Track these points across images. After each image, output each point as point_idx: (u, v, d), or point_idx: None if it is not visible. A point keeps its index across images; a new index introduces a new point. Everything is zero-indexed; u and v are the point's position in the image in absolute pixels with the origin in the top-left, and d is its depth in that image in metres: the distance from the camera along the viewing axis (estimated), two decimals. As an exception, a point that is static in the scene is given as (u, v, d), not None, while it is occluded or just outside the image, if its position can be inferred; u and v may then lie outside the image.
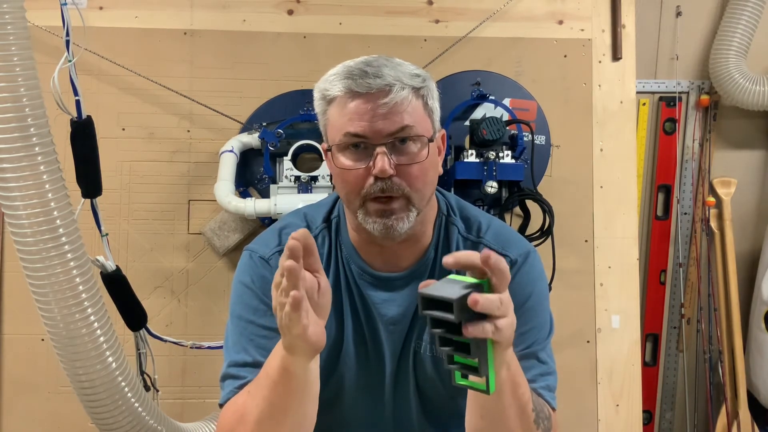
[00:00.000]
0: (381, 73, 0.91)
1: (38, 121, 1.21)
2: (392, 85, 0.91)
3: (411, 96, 0.93)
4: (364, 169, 0.92)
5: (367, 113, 0.91)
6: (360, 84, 0.91)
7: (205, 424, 1.71)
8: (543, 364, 1.01)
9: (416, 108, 0.94)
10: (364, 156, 0.93)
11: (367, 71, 0.92)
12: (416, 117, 0.94)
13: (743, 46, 2.15)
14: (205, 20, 1.93)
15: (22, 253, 1.24)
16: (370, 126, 0.91)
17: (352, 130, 0.92)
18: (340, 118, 0.93)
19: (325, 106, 0.96)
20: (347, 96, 0.92)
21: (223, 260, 1.92)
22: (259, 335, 0.98)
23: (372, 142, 0.92)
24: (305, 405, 0.88)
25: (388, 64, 0.93)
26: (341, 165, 0.94)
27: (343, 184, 0.96)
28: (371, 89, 0.91)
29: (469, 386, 0.76)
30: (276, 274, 0.79)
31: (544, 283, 1.07)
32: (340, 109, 0.93)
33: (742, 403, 2.26)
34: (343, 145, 0.93)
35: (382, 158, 0.91)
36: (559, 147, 1.99)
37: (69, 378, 1.35)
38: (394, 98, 0.91)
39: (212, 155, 1.89)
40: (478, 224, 1.06)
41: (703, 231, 2.31)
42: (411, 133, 0.93)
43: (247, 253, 1.06)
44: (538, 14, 2.01)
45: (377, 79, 0.91)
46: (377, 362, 1.06)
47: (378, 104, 0.91)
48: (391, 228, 0.93)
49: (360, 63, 0.94)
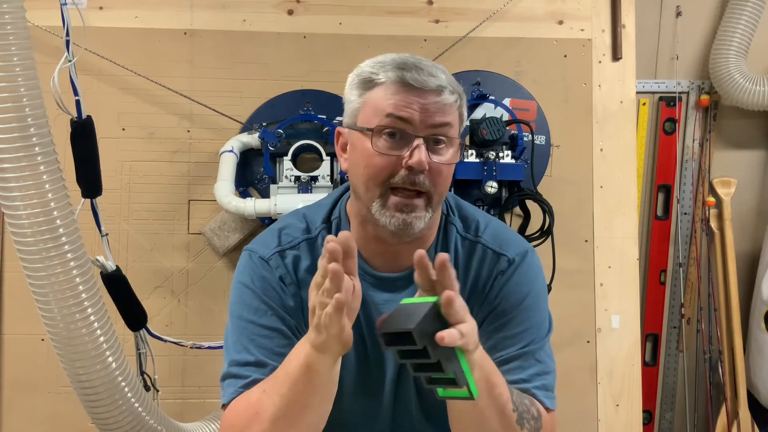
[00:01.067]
0: (435, 73, 0.94)
1: (38, 121, 1.21)
2: (444, 87, 0.93)
3: (457, 102, 0.96)
4: (397, 157, 0.93)
5: (417, 104, 0.92)
6: (415, 78, 0.92)
7: (205, 424, 1.71)
8: (540, 364, 1.00)
9: (455, 115, 0.96)
10: (399, 146, 0.93)
11: (422, 68, 0.93)
12: (454, 122, 0.96)
13: (743, 46, 2.15)
14: (205, 20, 1.93)
15: (22, 253, 1.24)
16: (418, 115, 0.92)
17: (398, 114, 0.92)
18: (384, 102, 0.93)
19: (365, 89, 0.96)
20: (398, 85, 0.93)
21: (223, 260, 1.92)
22: (259, 335, 0.98)
23: (413, 132, 0.92)
24: (324, 404, 0.89)
25: (438, 67, 0.96)
26: (377, 148, 0.93)
27: (369, 170, 0.94)
28: (425, 85, 0.92)
29: (454, 396, 0.78)
30: (317, 275, 0.80)
31: (542, 283, 1.07)
32: (387, 94, 0.93)
33: (742, 403, 2.26)
34: (381, 129, 0.93)
35: (421, 150, 0.92)
36: (559, 147, 1.99)
37: (69, 378, 1.35)
38: (445, 100, 0.93)
39: (212, 155, 1.89)
40: (476, 223, 1.06)
41: (703, 231, 2.31)
42: (450, 133, 0.95)
43: (246, 254, 1.06)
44: (538, 14, 2.01)
45: (432, 77, 0.93)
46: (377, 364, 1.06)
47: (429, 101, 0.92)
48: (410, 225, 0.94)
49: (411, 58, 0.96)
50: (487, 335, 1.00)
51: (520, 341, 0.99)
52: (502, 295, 1.01)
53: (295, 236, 1.05)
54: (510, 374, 0.97)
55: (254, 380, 0.95)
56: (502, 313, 1.01)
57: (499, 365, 0.96)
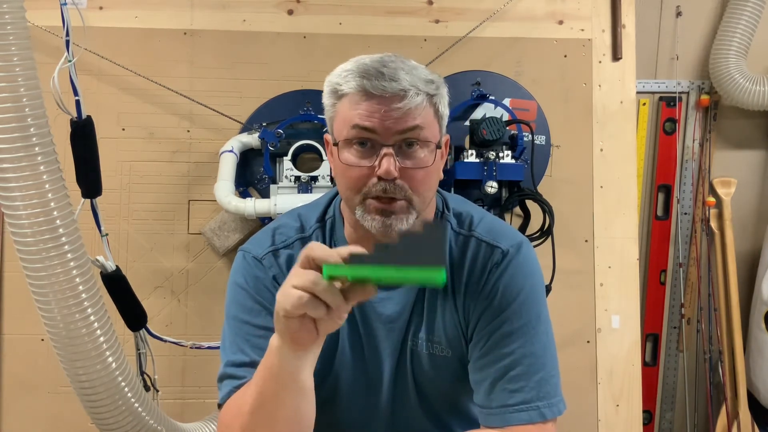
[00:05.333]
0: (397, 76, 0.90)
1: (38, 121, 1.21)
2: (407, 91, 0.90)
3: (425, 102, 0.93)
4: (368, 168, 0.92)
5: (379, 113, 0.90)
6: (375, 85, 0.90)
7: (205, 424, 1.71)
8: (541, 370, 0.97)
9: (427, 114, 0.93)
10: (369, 155, 0.92)
11: (384, 72, 0.90)
12: (426, 122, 0.93)
13: (743, 46, 2.15)
14: (205, 20, 1.93)
15: (22, 253, 1.24)
16: (380, 123, 0.90)
17: (362, 124, 0.91)
18: (350, 113, 0.92)
19: (335, 100, 0.95)
20: (360, 95, 0.91)
21: (223, 260, 1.92)
22: (254, 335, 0.99)
23: (380, 140, 0.91)
24: (297, 400, 0.86)
25: (404, 67, 0.92)
26: (345, 161, 0.93)
27: (345, 180, 0.95)
28: (386, 92, 0.90)
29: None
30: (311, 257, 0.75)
31: (538, 278, 1.03)
32: (351, 105, 0.92)
33: (742, 403, 2.26)
34: (350, 141, 0.93)
35: (388, 159, 0.90)
36: (559, 147, 1.99)
37: (69, 378, 1.35)
38: (408, 104, 0.90)
39: (212, 155, 1.89)
40: (470, 218, 1.05)
41: (703, 231, 2.31)
42: (420, 136, 0.92)
43: (240, 254, 1.06)
44: (538, 14, 2.01)
45: (393, 82, 0.90)
46: (374, 361, 1.06)
47: (391, 108, 0.90)
48: (390, 227, 0.93)
49: (376, 62, 0.93)
50: (487, 333, 0.99)
51: (519, 338, 0.97)
52: (497, 289, 0.99)
53: (289, 235, 1.05)
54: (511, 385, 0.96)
55: (249, 381, 0.95)
56: (498, 308, 0.99)
57: (501, 374, 0.96)
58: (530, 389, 0.96)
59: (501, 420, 0.96)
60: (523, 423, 0.95)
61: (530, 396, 0.96)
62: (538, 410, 0.95)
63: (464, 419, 1.12)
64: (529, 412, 0.95)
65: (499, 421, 0.96)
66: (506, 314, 0.99)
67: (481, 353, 0.99)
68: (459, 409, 1.12)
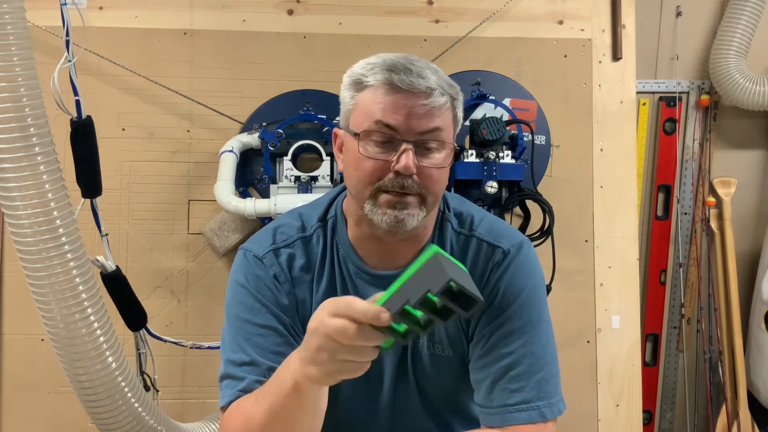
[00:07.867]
0: (424, 74, 0.92)
1: (38, 121, 1.21)
2: (434, 89, 0.92)
3: (448, 104, 0.94)
4: (385, 162, 0.92)
5: (404, 109, 0.91)
6: (403, 80, 0.91)
7: (205, 424, 1.71)
8: (541, 370, 0.97)
9: (447, 117, 0.95)
10: (388, 149, 0.93)
11: (411, 69, 0.92)
12: (446, 124, 0.95)
13: (743, 46, 2.15)
14: (205, 20, 1.93)
15: (22, 253, 1.24)
16: (405, 121, 0.91)
17: (386, 120, 0.91)
18: (373, 106, 0.92)
19: (356, 91, 0.96)
20: (386, 87, 0.92)
21: (223, 260, 1.92)
22: (255, 333, 0.99)
23: (401, 137, 0.92)
24: (314, 420, 0.87)
25: (429, 68, 0.94)
26: (365, 152, 0.93)
27: (358, 173, 0.95)
28: (413, 88, 0.91)
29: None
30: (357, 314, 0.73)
31: (539, 278, 1.04)
32: (375, 97, 0.92)
33: (742, 403, 2.26)
34: (370, 133, 0.93)
35: (408, 155, 0.91)
36: (559, 147, 1.99)
37: (69, 378, 1.35)
38: (433, 102, 0.92)
39: (212, 155, 1.89)
40: (471, 218, 1.06)
41: (703, 231, 2.31)
42: (440, 137, 0.93)
43: (241, 253, 1.06)
44: (538, 14, 2.01)
45: (420, 79, 0.91)
46: (375, 361, 1.05)
47: (417, 104, 0.91)
48: (402, 222, 0.93)
49: (402, 59, 0.94)
50: (487, 333, 0.99)
51: (520, 338, 0.98)
52: (498, 288, 1.00)
53: (290, 234, 1.05)
54: (512, 384, 0.96)
55: (250, 384, 0.95)
56: (499, 308, 0.99)
57: (501, 374, 0.96)
58: (530, 389, 0.96)
59: (501, 419, 0.96)
60: (523, 423, 0.95)
61: (530, 396, 0.96)
62: (538, 410, 0.96)
63: (465, 419, 1.12)
64: (529, 411, 0.96)
65: (499, 421, 0.96)
66: (507, 314, 0.99)
67: (482, 353, 0.99)
68: (460, 409, 1.12)
